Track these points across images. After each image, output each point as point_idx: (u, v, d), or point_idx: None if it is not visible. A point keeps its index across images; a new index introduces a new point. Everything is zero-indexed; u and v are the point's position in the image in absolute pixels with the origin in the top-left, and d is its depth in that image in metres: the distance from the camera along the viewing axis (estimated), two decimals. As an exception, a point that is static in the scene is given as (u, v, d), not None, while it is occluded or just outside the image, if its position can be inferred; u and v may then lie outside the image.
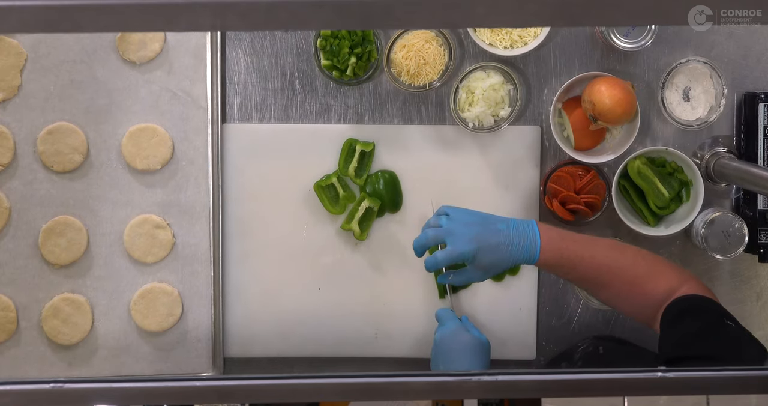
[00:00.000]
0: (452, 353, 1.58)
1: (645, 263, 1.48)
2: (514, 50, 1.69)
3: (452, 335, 1.60)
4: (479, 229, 1.48)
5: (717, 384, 1.04)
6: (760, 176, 1.54)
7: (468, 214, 1.52)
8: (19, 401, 0.98)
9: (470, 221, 1.50)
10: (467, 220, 1.50)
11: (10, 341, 1.72)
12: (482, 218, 1.51)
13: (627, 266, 1.47)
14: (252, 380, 1.02)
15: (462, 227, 1.49)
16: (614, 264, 1.47)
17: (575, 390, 1.04)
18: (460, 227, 1.49)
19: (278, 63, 1.74)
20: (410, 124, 1.75)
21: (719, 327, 1.39)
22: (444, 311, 1.68)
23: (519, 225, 1.49)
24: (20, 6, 0.79)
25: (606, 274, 1.47)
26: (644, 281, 1.45)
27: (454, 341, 1.59)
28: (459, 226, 1.49)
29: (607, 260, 1.47)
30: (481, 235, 1.47)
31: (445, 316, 1.66)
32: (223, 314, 1.74)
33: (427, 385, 1.02)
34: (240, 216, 1.74)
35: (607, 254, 1.48)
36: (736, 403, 1.70)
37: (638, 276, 1.46)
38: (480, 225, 1.49)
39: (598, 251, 1.48)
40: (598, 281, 1.48)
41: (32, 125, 1.71)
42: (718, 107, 1.70)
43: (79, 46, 1.71)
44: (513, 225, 1.49)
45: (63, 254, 1.71)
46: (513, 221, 1.50)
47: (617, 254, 1.49)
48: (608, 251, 1.49)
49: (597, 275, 1.47)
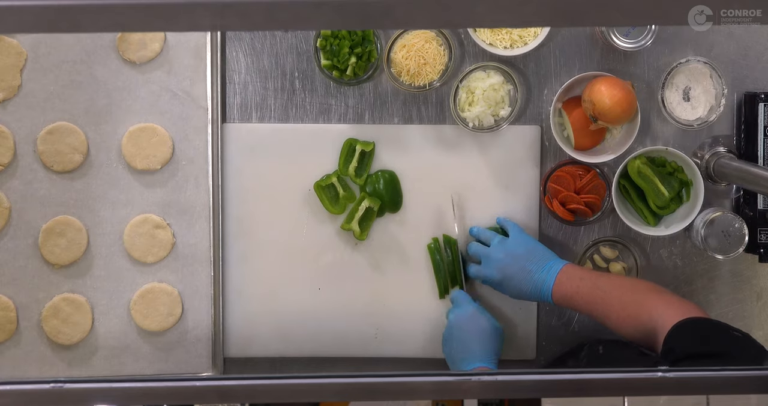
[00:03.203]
0: (468, 335, 1.63)
1: (636, 294, 1.53)
2: (514, 50, 1.69)
3: (469, 318, 1.65)
4: (511, 262, 1.63)
5: (717, 384, 1.04)
6: (760, 176, 1.54)
7: (516, 244, 1.65)
8: (19, 401, 0.98)
9: (511, 252, 1.64)
10: (510, 250, 1.64)
11: (10, 341, 1.72)
12: (526, 251, 1.63)
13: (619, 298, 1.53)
14: (252, 380, 1.02)
15: (500, 255, 1.64)
16: (608, 297, 1.54)
17: (575, 390, 1.04)
18: (500, 254, 1.64)
19: (278, 63, 1.74)
20: (410, 124, 1.75)
21: (726, 330, 1.39)
22: (461, 293, 1.71)
23: (544, 270, 1.60)
24: (20, 6, 0.79)
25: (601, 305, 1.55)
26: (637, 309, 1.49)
27: (471, 324, 1.64)
28: (499, 253, 1.65)
29: (604, 294, 1.55)
30: (509, 268, 1.63)
31: (462, 298, 1.69)
32: (223, 314, 1.74)
33: (427, 385, 1.02)
34: (240, 216, 1.74)
35: (608, 290, 1.55)
36: (736, 403, 1.70)
37: (629, 305, 1.51)
38: (514, 258, 1.63)
39: (599, 289, 1.56)
40: (600, 315, 1.56)
41: (32, 125, 1.71)
42: (718, 107, 1.70)
43: (79, 46, 1.71)
44: (541, 268, 1.60)
45: (63, 254, 1.71)
46: (544, 265, 1.61)
47: (616, 288, 1.56)
48: (609, 287, 1.56)
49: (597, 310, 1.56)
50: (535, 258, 1.62)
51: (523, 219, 1.74)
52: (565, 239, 1.76)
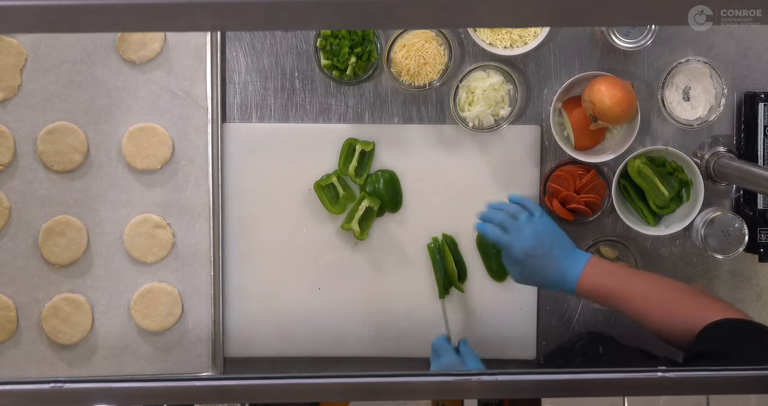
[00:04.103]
0: None
1: (679, 295, 1.50)
2: (514, 50, 1.69)
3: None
4: (537, 243, 1.55)
5: (717, 384, 1.04)
6: (760, 176, 1.54)
7: (545, 226, 1.57)
8: (19, 401, 0.98)
9: (540, 233, 1.56)
10: (539, 230, 1.56)
11: (10, 341, 1.72)
12: (554, 234, 1.57)
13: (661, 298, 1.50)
14: (252, 380, 1.02)
15: (529, 233, 1.56)
16: (650, 299, 1.50)
17: (575, 390, 1.04)
18: (528, 232, 1.56)
19: (278, 63, 1.74)
20: (410, 123, 1.75)
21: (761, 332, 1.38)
22: (440, 342, 1.68)
23: (572, 257, 1.54)
24: (20, 6, 0.79)
25: (643, 306, 1.50)
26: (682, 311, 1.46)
27: None
28: (528, 230, 1.56)
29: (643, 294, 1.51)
30: (537, 250, 1.54)
31: (442, 348, 1.66)
32: (223, 314, 1.74)
33: (427, 385, 1.02)
34: (240, 216, 1.74)
35: (646, 288, 1.52)
36: (736, 403, 1.70)
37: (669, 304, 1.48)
38: (540, 240, 1.55)
39: (636, 287, 1.52)
40: (636, 312, 1.51)
41: (32, 125, 1.71)
42: (718, 107, 1.70)
43: (79, 46, 1.71)
44: (567, 256, 1.54)
45: (63, 254, 1.71)
46: (571, 252, 1.55)
47: (654, 288, 1.52)
48: (647, 285, 1.52)
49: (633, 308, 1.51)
50: (561, 244, 1.56)
51: (523, 219, 1.74)
52: (565, 239, 1.76)
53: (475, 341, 1.74)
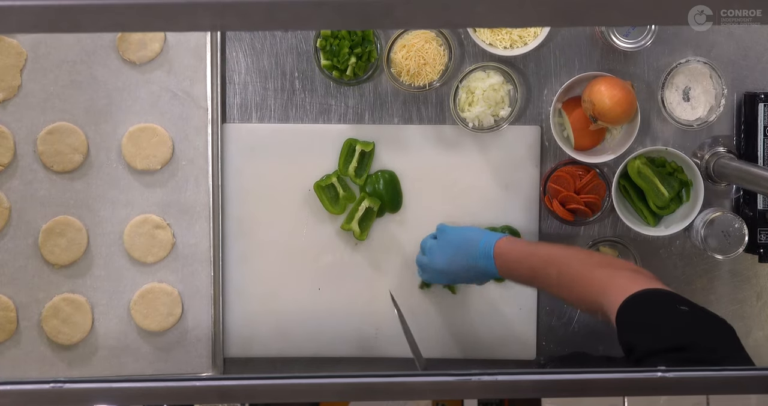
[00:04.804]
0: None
1: (587, 258, 1.51)
2: (514, 50, 1.69)
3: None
4: (451, 249, 1.62)
5: (717, 384, 1.04)
6: (760, 176, 1.54)
7: (451, 234, 1.64)
8: (19, 401, 0.98)
9: (448, 241, 1.63)
10: (446, 239, 1.64)
11: (10, 341, 1.72)
12: (461, 235, 1.63)
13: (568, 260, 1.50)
14: (252, 380, 1.02)
15: (439, 245, 1.64)
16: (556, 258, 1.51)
17: (575, 390, 1.04)
18: (438, 245, 1.65)
19: (278, 63, 1.74)
20: (410, 124, 1.75)
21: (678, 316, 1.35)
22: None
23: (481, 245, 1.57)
24: (20, 6, 0.79)
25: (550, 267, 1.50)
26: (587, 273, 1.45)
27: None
28: (438, 244, 1.65)
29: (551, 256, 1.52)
30: (453, 256, 1.61)
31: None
32: (223, 314, 1.74)
33: (427, 385, 1.02)
34: (240, 216, 1.74)
35: (554, 251, 1.55)
36: (736, 403, 1.70)
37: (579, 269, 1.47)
38: (452, 245, 1.62)
39: (545, 250, 1.55)
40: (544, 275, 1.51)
41: (32, 125, 1.71)
42: (718, 107, 1.70)
43: (79, 46, 1.71)
44: (478, 245, 1.58)
45: (63, 254, 1.71)
46: (481, 240, 1.58)
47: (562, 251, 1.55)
48: (557, 249, 1.56)
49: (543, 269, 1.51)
50: (471, 238, 1.60)
51: (523, 219, 1.74)
52: (565, 239, 1.76)
53: (475, 341, 1.74)
